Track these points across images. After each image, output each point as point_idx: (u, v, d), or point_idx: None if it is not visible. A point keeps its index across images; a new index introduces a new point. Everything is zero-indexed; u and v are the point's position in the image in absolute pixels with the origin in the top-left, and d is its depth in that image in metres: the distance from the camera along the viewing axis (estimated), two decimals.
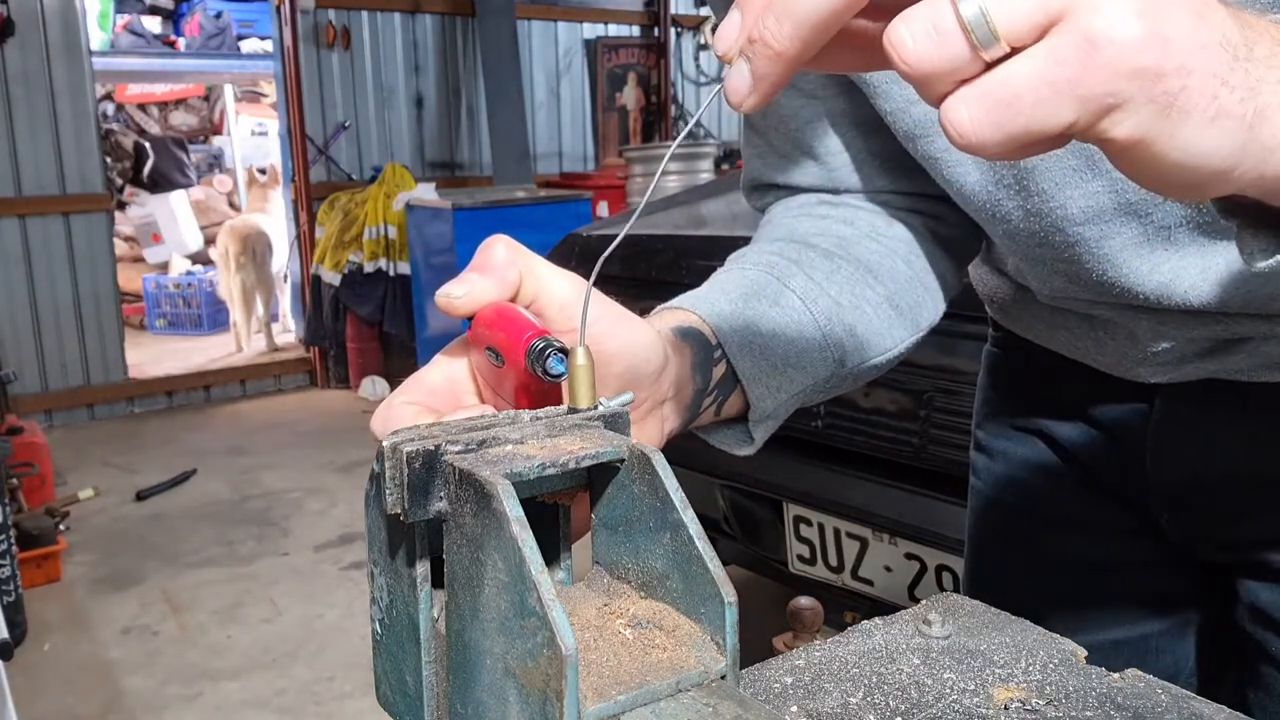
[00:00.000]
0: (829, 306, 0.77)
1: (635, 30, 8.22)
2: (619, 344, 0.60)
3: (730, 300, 0.74)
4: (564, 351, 0.51)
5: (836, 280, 0.79)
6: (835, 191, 0.87)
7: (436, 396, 0.58)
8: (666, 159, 0.59)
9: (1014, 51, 0.39)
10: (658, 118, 8.31)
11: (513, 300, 0.57)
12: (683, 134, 0.58)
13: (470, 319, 0.57)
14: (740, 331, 0.72)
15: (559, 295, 0.58)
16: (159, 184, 9.55)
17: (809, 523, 2.34)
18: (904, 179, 0.85)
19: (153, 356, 7.20)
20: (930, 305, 0.85)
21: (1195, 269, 0.73)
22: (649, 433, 0.66)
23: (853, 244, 0.82)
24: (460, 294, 0.55)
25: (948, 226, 0.87)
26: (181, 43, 9.13)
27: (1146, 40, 0.38)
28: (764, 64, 0.43)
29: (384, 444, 0.45)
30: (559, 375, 0.51)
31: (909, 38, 0.39)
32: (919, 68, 0.39)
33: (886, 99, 0.78)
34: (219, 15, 9.01)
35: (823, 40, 0.42)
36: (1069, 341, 0.88)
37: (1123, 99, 0.39)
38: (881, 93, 0.78)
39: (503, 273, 0.56)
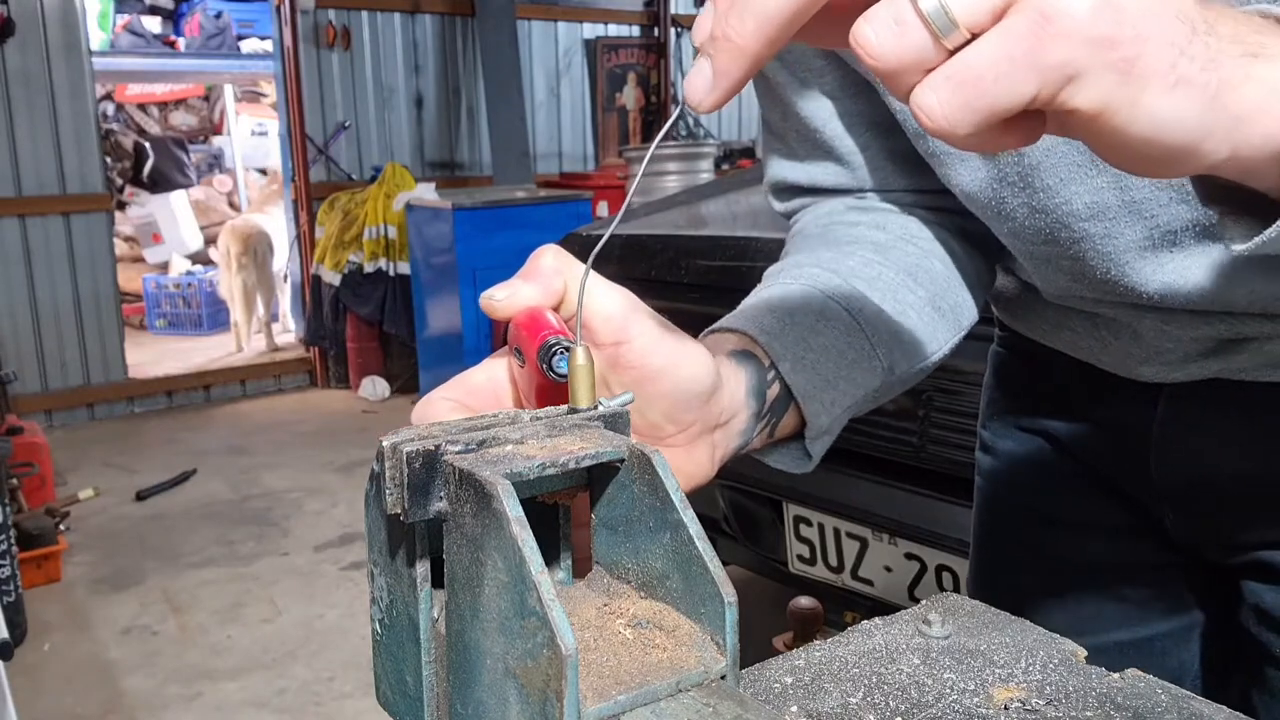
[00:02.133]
0: (874, 315, 0.77)
1: (635, 30, 8.23)
2: (665, 360, 0.59)
3: (777, 318, 0.73)
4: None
5: (878, 288, 0.78)
6: (861, 191, 0.87)
7: (475, 395, 0.58)
8: (646, 159, 0.59)
9: (975, 37, 0.40)
10: (658, 118, 8.31)
11: (557, 309, 0.57)
12: (662, 133, 0.58)
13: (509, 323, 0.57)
14: (792, 349, 0.71)
15: (604, 307, 0.57)
16: (159, 184, 9.56)
17: (809, 523, 2.34)
18: (923, 178, 0.85)
19: (153, 356, 7.20)
20: (969, 304, 0.85)
21: (1199, 269, 0.73)
22: (699, 459, 0.64)
23: (889, 249, 0.82)
24: (501, 297, 0.56)
25: (975, 222, 0.87)
26: (181, 43, 9.13)
27: (1099, 10, 0.39)
28: (725, 59, 0.43)
29: (384, 444, 0.44)
30: (564, 375, 0.51)
31: (873, 34, 0.40)
32: (885, 61, 0.41)
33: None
34: (219, 15, 9.02)
35: (786, 36, 0.43)
36: (1073, 341, 0.88)
37: (1080, 68, 0.40)
38: None
39: (548, 280, 0.56)
